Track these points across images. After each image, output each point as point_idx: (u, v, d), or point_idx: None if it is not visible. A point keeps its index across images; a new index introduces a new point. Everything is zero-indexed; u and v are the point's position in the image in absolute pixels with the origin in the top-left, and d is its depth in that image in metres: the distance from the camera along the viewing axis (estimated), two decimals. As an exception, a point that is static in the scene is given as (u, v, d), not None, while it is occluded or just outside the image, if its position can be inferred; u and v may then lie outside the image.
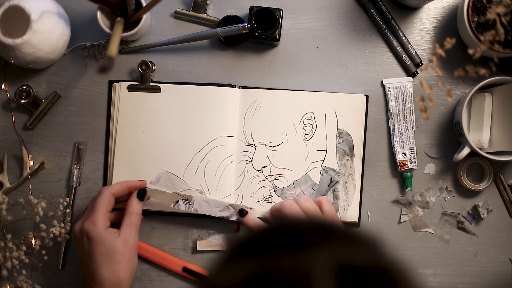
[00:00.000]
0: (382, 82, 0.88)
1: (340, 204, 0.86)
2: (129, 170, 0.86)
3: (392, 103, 0.87)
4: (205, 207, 0.84)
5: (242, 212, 0.83)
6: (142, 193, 0.82)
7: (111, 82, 0.88)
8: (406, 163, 0.87)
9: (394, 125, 0.87)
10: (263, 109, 0.86)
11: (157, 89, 0.86)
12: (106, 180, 0.87)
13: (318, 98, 0.87)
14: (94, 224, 0.76)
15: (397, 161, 0.87)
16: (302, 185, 0.86)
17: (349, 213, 0.86)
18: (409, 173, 0.87)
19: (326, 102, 0.86)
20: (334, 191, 0.86)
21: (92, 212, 0.77)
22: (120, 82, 0.87)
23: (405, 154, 0.87)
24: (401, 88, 0.87)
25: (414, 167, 0.87)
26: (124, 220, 0.79)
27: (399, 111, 0.87)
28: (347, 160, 0.86)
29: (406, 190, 0.87)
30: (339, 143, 0.86)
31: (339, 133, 0.86)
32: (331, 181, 0.86)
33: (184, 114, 0.86)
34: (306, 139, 0.86)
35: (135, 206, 0.80)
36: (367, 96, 0.87)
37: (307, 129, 0.86)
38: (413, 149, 0.87)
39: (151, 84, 0.86)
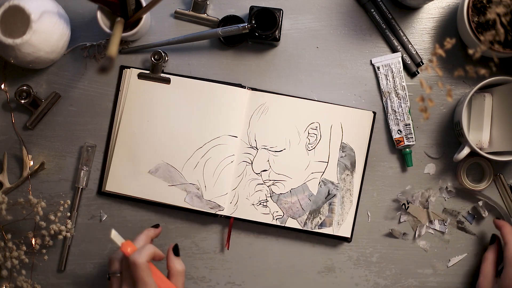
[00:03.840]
0: (371, 61, 0.88)
1: (334, 218, 0.85)
2: (129, 155, 0.86)
3: (383, 82, 0.87)
4: (197, 202, 0.85)
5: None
6: (176, 248, 0.78)
7: (122, 68, 0.88)
8: (402, 139, 0.87)
9: (387, 103, 0.87)
10: (270, 113, 0.86)
11: (167, 80, 0.86)
12: (105, 164, 0.87)
13: (326, 109, 0.86)
14: None
15: (393, 139, 0.87)
16: (299, 194, 0.86)
17: (343, 228, 0.86)
18: (407, 149, 0.87)
19: (334, 114, 0.86)
20: (330, 204, 0.86)
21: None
22: (131, 68, 0.87)
23: (400, 131, 0.87)
24: (389, 65, 0.87)
25: (411, 143, 0.86)
26: (174, 283, 0.75)
27: (390, 88, 0.87)
28: (347, 175, 0.86)
29: (407, 167, 0.87)
30: (341, 157, 0.86)
31: (343, 147, 0.86)
32: (329, 193, 0.86)
33: (191, 108, 0.86)
34: (309, 149, 0.86)
35: (178, 266, 0.76)
36: (374, 113, 0.87)
37: (311, 139, 0.86)
38: (409, 124, 0.87)
39: (162, 74, 0.87)
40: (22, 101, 0.86)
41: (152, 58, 0.86)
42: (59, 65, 0.89)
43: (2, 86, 0.88)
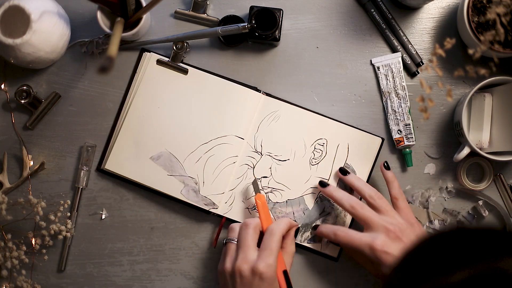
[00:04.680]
0: (371, 61, 0.88)
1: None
2: (133, 138, 0.85)
3: (383, 82, 0.87)
4: (192, 196, 0.85)
5: (323, 184, 0.84)
6: (297, 231, 0.84)
7: (143, 50, 0.88)
8: (402, 139, 0.87)
9: (387, 103, 0.87)
10: (281, 121, 0.86)
11: (185, 71, 0.87)
12: (108, 143, 0.87)
13: (335, 127, 0.86)
14: (270, 267, 0.75)
15: (393, 139, 0.87)
16: (294, 206, 0.85)
17: (331, 246, 0.86)
18: (407, 149, 0.87)
19: (342, 133, 0.86)
20: (323, 221, 0.86)
21: (267, 253, 0.76)
22: (151, 52, 0.87)
23: (400, 131, 0.87)
24: (389, 65, 0.87)
25: (411, 143, 0.86)
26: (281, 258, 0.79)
27: (390, 88, 0.87)
28: None
29: (407, 167, 0.87)
30: None
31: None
32: (323, 211, 0.86)
33: (203, 102, 0.86)
34: (313, 163, 0.86)
35: (293, 248, 0.82)
36: (382, 140, 0.87)
37: (316, 154, 0.86)
38: (409, 124, 0.87)
39: (181, 64, 0.87)
40: (22, 101, 0.86)
41: (174, 47, 0.86)
42: (59, 65, 0.89)
43: (2, 86, 0.88)
